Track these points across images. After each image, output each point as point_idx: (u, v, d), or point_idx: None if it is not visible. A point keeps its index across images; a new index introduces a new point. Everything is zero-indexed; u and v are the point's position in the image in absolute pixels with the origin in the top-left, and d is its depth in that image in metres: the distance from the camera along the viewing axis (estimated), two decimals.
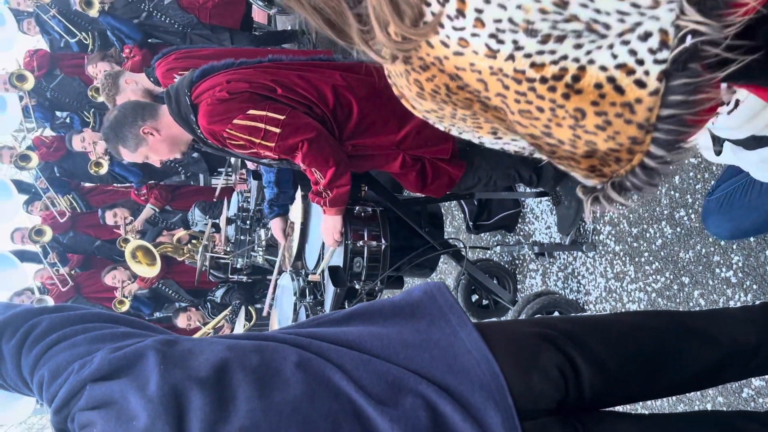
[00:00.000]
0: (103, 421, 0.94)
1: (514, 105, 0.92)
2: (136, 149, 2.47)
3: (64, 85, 5.89)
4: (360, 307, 1.21)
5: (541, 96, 0.88)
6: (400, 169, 2.48)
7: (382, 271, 2.42)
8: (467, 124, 1.05)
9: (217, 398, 0.97)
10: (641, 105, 0.86)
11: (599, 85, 0.86)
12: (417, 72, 0.96)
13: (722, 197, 1.81)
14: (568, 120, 0.90)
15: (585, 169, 0.97)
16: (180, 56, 3.42)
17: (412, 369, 1.07)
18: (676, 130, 0.86)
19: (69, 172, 6.35)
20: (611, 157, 0.92)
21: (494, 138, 1.07)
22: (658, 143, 0.88)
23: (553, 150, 0.96)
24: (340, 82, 2.34)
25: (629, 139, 0.89)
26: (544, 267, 3.09)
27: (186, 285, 5.64)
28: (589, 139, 0.91)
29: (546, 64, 0.86)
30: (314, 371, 1.04)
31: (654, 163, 0.89)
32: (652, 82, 0.84)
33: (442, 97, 0.99)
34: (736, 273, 2.06)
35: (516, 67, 0.87)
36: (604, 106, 0.87)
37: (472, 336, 1.12)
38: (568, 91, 0.87)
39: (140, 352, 1.01)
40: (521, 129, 0.96)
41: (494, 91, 0.92)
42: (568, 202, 2.78)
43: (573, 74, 0.86)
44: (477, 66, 0.90)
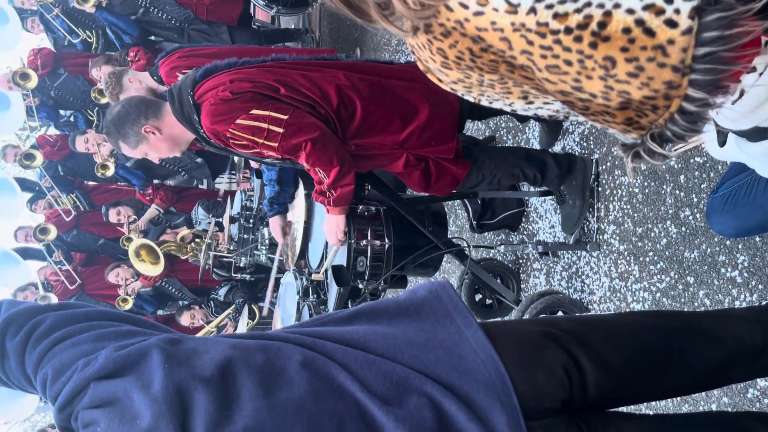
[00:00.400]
0: (106, 419, 0.94)
1: (540, 61, 0.88)
2: (137, 146, 2.47)
3: (68, 84, 5.90)
4: (364, 306, 1.21)
5: (567, 48, 0.85)
6: (404, 168, 2.47)
7: (385, 270, 2.42)
8: (496, 90, 1.01)
9: (222, 397, 0.96)
10: (674, 46, 0.81)
11: (627, 30, 0.82)
12: (439, 40, 0.94)
13: (726, 195, 1.80)
14: (598, 71, 0.86)
15: (621, 122, 0.92)
16: (183, 55, 3.42)
17: (417, 368, 1.07)
18: (714, 68, 0.81)
19: (73, 171, 6.36)
20: (647, 105, 0.88)
21: (525, 103, 1.03)
22: (697, 85, 0.83)
23: (587, 106, 0.93)
24: (343, 82, 2.34)
25: (665, 84, 0.85)
26: (548, 266, 3.08)
27: (189, 283, 5.64)
28: (622, 88, 0.87)
29: (569, 13, 0.83)
30: (319, 370, 1.03)
31: (694, 107, 0.85)
32: (683, 20, 0.80)
33: (467, 63, 0.96)
34: (741, 273, 2.05)
35: (539, 20, 0.84)
36: (634, 51, 0.83)
37: (477, 335, 1.12)
38: (595, 40, 0.83)
39: (144, 350, 1.01)
40: (550, 86, 0.92)
41: (519, 48, 0.88)
42: (572, 201, 2.77)
43: (599, 21, 0.82)
44: (499, 24, 0.87)
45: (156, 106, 2.46)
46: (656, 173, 2.40)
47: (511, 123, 3.39)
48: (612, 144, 2.66)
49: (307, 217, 2.96)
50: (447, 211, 3.43)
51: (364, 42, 5.67)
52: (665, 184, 2.36)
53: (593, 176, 2.71)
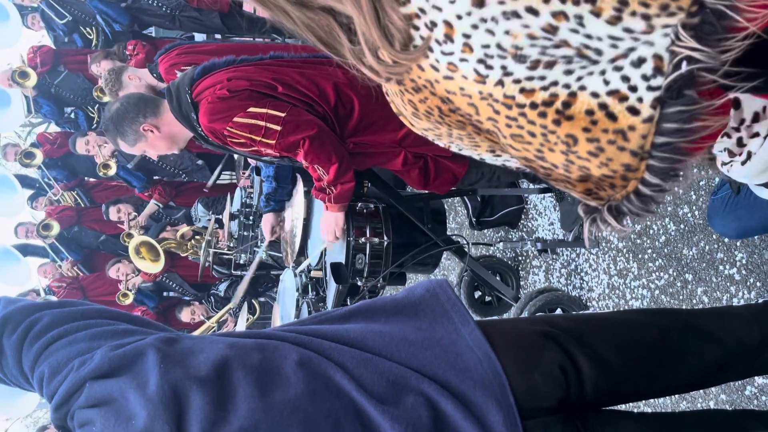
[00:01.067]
0: (102, 419, 0.94)
1: (505, 129, 0.91)
2: (135, 144, 2.48)
3: (68, 81, 5.89)
4: (362, 304, 1.21)
5: (531, 121, 0.87)
6: (402, 166, 2.47)
7: (384, 267, 2.42)
8: (464, 143, 1.04)
9: (217, 397, 0.97)
10: (635, 132, 0.84)
11: (591, 112, 0.85)
12: (410, 93, 0.96)
13: (727, 196, 1.80)
14: (560, 145, 0.89)
15: (581, 192, 0.96)
16: (183, 51, 3.41)
17: (413, 367, 1.07)
18: (671, 158, 0.84)
19: (73, 168, 6.36)
20: (606, 182, 0.91)
21: (493, 156, 1.05)
22: (653, 171, 0.86)
23: (548, 173, 0.96)
24: (341, 80, 2.33)
25: (623, 166, 0.88)
26: (547, 264, 3.08)
27: (190, 279, 5.65)
28: (582, 164, 0.90)
29: (536, 89, 0.85)
30: (315, 370, 1.03)
31: (649, 191, 0.89)
32: (645, 109, 0.83)
33: (435, 118, 0.98)
34: (740, 270, 2.05)
35: (506, 93, 0.86)
36: (596, 132, 0.86)
37: (475, 334, 1.12)
38: (559, 117, 0.86)
39: (140, 350, 1.01)
40: (514, 152, 0.95)
41: (485, 115, 0.91)
42: (571, 199, 2.77)
43: (564, 100, 0.85)
44: (467, 90, 0.89)
45: (154, 104, 2.46)
46: None
47: None
48: None
49: (307, 214, 2.95)
50: (446, 209, 3.43)
51: None
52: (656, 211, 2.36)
53: None
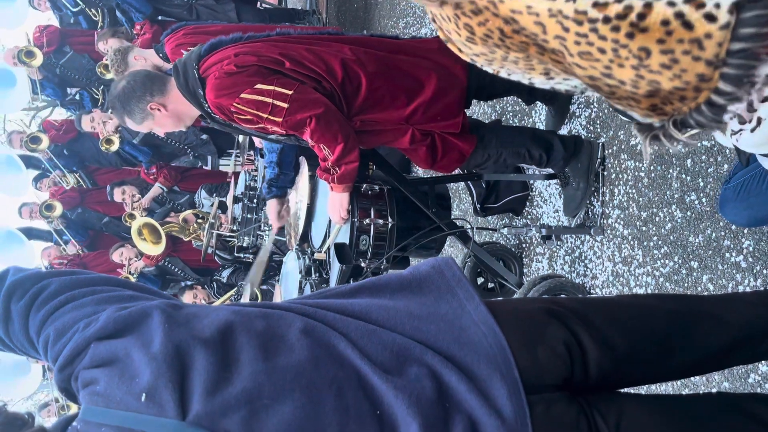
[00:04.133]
0: (106, 378, 0.94)
1: (573, 47, 0.88)
2: (142, 122, 2.47)
3: (74, 62, 5.88)
4: (367, 281, 1.21)
5: (603, 36, 0.85)
6: (410, 144, 2.46)
7: (388, 249, 2.41)
8: (519, 66, 1.02)
9: (221, 359, 0.96)
10: (711, 40, 0.82)
11: (666, 22, 0.82)
12: (468, 17, 0.93)
13: (739, 185, 1.79)
14: (631, 60, 0.86)
15: (646, 108, 0.93)
16: (189, 32, 3.40)
17: (417, 339, 1.06)
18: (746, 64, 0.82)
19: (78, 154, 6.36)
20: (676, 95, 0.89)
21: (546, 78, 1.03)
22: (728, 79, 0.84)
23: (613, 91, 0.93)
24: (349, 56, 2.32)
25: (697, 77, 0.85)
26: (551, 251, 3.07)
27: (192, 263, 5.65)
28: (653, 78, 0.87)
29: (609, 2, 0.83)
30: (319, 338, 1.03)
31: (722, 100, 0.86)
32: (723, 15, 0.80)
33: (494, 41, 0.95)
34: (746, 258, 2.04)
35: (577, 8, 0.84)
36: (670, 43, 0.83)
37: (480, 309, 1.11)
38: (633, 30, 0.83)
39: (145, 311, 1.01)
40: (580, 71, 0.92)
41: (553, 33, 0.88)
42: (576, 184, 2.76)
43: (639, 12, 0.82)
44: (535, 8, 0.87)
45: (161, 81, 2.45)
46: (663, 157, 2.38)
47: (517, 106, 3.37)
48: (618, 128, 2.64)
49: (311, 198, 2.95)
50: (451, 195, 3.41)
51: (371, 24, 5.63)
52: (671, 168, 2.34)
53: (599, 160, 2.69)
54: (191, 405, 0.92)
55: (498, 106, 3.57)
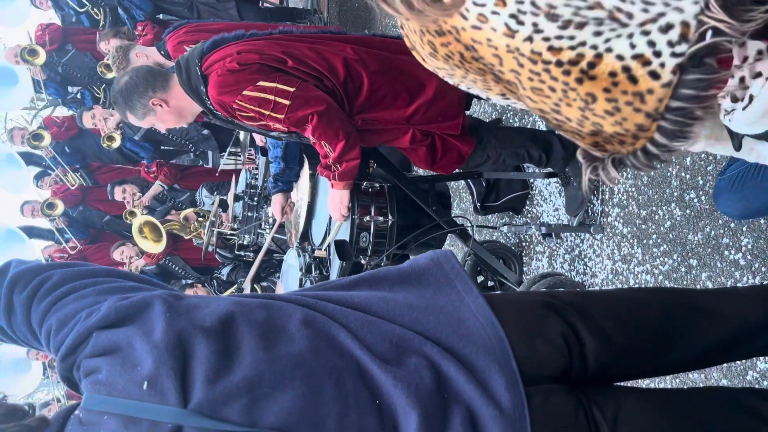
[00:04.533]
0: (108, 366, 0.95)
1: (527, 82, 0.94)
2: (144, 118, 2.48)
3: (76, 60, 5.89)
4: (366, 273, 1.22)
5: (554, 78, 0.90)
6: (410, 144, 2.47)
7: (388, 247, 2.42)
8: (477, 86, 1.06)
9: (222, 348, 0.97)
10: (652, 95, 0.88)
11: (614, 74, 0.88)
12: (431, 35, 0.97)
13: (734, 176, 1.80)
14: (578, 102, 0.92)
15: (589, 143, 0.99)
16: (191, 30, 3.41)
17: (416, 330, 1.07)
18: (682, 121, 0.88)
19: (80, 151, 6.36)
20: (616, 139, 0.95)
21: (502, 98, 1.08)
22: (663, 132, 0.90)
23: (560, 125, 0.99)
24: (351, 56, 2.33)
25: (636, 126, 0.91)
26: (550, 249, 3.08)
27: (192, 262, 5.66)
28: (596, 121, 0.93)
29: (563, 48, 0.88)
30: (319, 329, 1.04)
31: (656, 150, 0.92)
32: (666, 74, 0.86)
33: (455, 63, 1.00)
34: (745, 255, 2.05)
35: (533, 49, 0.89)
36: (615, 93, 0.89)
37: (478, 301, 1.13)
38: (582, 77, 0.89)
39: (147, 301, 1.02)
40: (531, 104, 0.98)
41: (508, 67, 0.93)
42: (577, 183, 2.77)
43: (589, 61, 0.88)
44: (494, 42, 0.91)
45: (163, 77, 2.46)
46: None
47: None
48: None
49: (311, 196, 2.95)
50: (451, 194, 3.42)
51: (372, 24, 5.64)
52: (671, 166, 2.35)
53: None
54: (193, 393, 0.93)
55: (499, 105, 3.58)
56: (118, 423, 0.91)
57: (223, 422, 0.91)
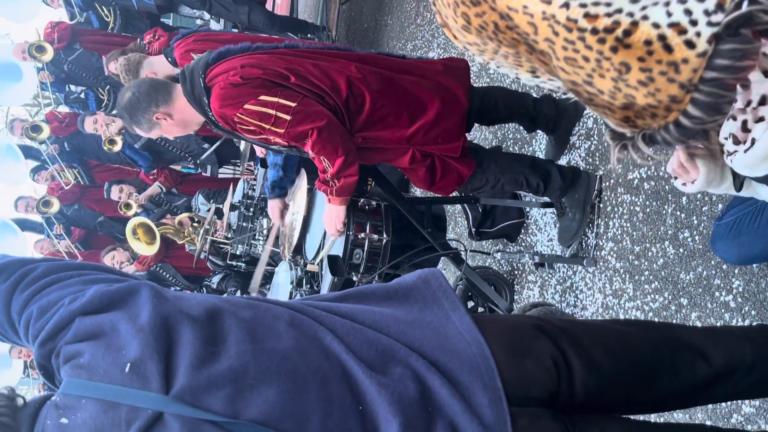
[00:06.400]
0: (91, 350, 0.93)
1: (561, 51, 0.93)
2: (150, 131, 2.53)
3: (83, 60, 5.91)
4: (353, 289, 1.23)
5: (589, 46, 0.90)
6: (410, 164, 2.48)
7: (381, 265, 2.42)
8: (508, 60, 1.06)
9: (208, 336, 0.97)
10: (687, 65, 0.87)
11: (649, 42, 0.87)
12: (466, 6, 0.98)
13: (732, 222, 1.80)
14: (611, 72, 0.91)
15: (620, 118, 0.98)
16: (199, 38, 3.43)
17: (403, 342, 1.08)
18: (716, 93, 0.87)
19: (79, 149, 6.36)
20: (648, 112, 0.94)
21: (532, 76, 1.08)
22: (697, 104, 0.89)
23: (591, 98, 0.98)
24: (354, 74, 2.35)
25: (669, 97, 0.90)
26: (542, 279, 3.08)
27: (183, 270, 5.64)
28: (629, 92, 0.92)
29: (600, 15, 0.88)
30: (306, 330, 1.04)
31: (689, 123, 0.91)
32: (701, 43, 0.85)
33: (488, 34, 1.00)
34: (735, 298, 2.05)
35: (569, 16, 0.89)
36: (650, 62, 0.88)
37: (464, 319, 1.13)
38: (617, 45, 0.88)
39: (133, 287, 1.01)
40: (564, 75, 0.97)
41: (543, 35, 0.93)
42: (572, 215, 2.78)
43: (625, 28, 0.87)
44: (530, 9, 0.91)
45: (165, 90, 2.47)
46: (659, 193, 2.41)
47: (518, 134, 3.40)
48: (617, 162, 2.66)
49: (308, 211, 2.96)
50: (447, 218, 3.43)
51: (379, 45, 5.69)
52: (667, 204, 2.36)
53: (596, 192, 2.71)
54: (176, 379, 0.92)
55: (499, 133, 3.60)
56: (96, 407, 0.90)
57: (205, 411, 0.90)
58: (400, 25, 5.37)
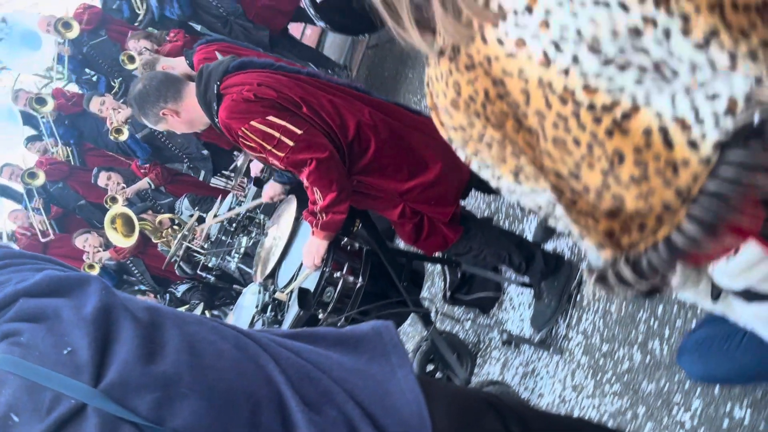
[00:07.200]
0: (31, 331, 0.91)
1: (550, 129, 0.85)
2: (156, 124, 2.55)
3: (104, 47, 5.95)
4: (306, 329, 1.21)
5: (582, 125, 0.82)
6: (398, 218, 2.48)
7: (350, 309, 2.38)
8: (492, 152, 0.97)
9: (149, 338, 0.94)
10: (687, 169, 0.78)
11: (648, 132, 0.79)
12: (460, 72, 0.92)
13: (702, 338, 1.80)
14: (602, 162, 0.82)
15: (602, 231, 0.87)
16: (222, 48, 3.45)
17: (343, 388, 1.06)
18: (716, 211, 0.75)
19: (78, 129, 6.34)
20: (636, 222, 0.83)
21: (514, 181, 0.98)
22: (693, 219, 0.77)
23: (575, 200, 0.88)
24: (366, 119, 2.36)
25: (662, 204, 0.80)
26: (506, 357, 3.05)
27: (153, 270, 5.56)
28: (618, 192, 0.83)
29: (599, 90, 0.80)
30: (250, 354, 1.02)
31: (682, 242, 0.78)
32: (706, 147, 0.76)
33: (476, 107, 0.93)
34: (692, 418, 2.03)
35: (567, 85, 0.81)
36: (646, 156, 0.79)
37: (409, 378, 1.11)
38: (614, 128, 0.80)
39: (84, 277, 1.00)
40: (549, 162, 0.88)
41: (535, 106, 0.86)
42: (548, 300, 2.77)
43: (624, 111, 0.79)
44: (526, 74, 0.84)
45: (176, 87, 2.48)
46: (637, 298, 2.41)
47: (511, 210, 3.42)
48: None
49: (290, 238, 2.93)
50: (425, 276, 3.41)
51: (395, 95, 5.76)
52: (643, 310, 2.36)
53: (576, 283, 2.71)
54: (107, 373, 0.89)
55: (493, 205, 3.62)
56: (21, 385, 0.87)
57: (129, 411, 0.87)
58: (420, 80, 5.45)
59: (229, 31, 4.92)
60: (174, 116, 2.45)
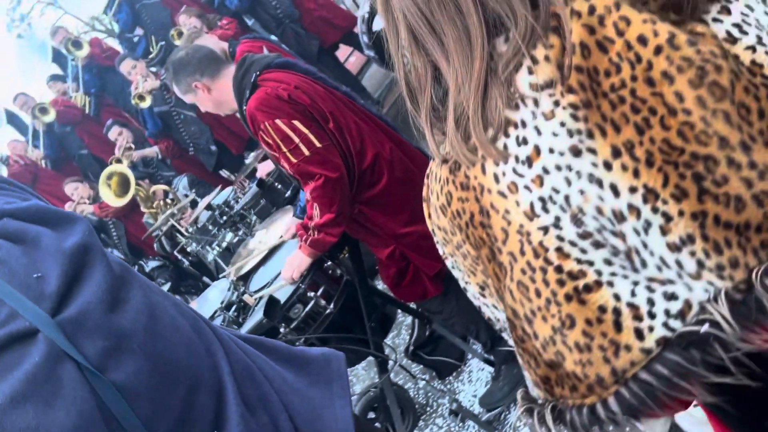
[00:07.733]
0: (9, 248, 0.89)
1: (518, 273, 0.90)
2: (185, 94, 2.53)
3: (156, 9, 6.01)
4: (261, 337, 1.22)
5: (546, 281, 0.87)
6: (386, 258, 2.47)
7: (312, 331, 2.34)
8: (465, 262, 1.03)
9: (116, 289, 0.93)
10: (628, 354, 0.83)
11: (604, 309, 0.84)
12: (455, 186, 0.96)
13: None
14: (555, 320, 0.87)
15: (540, 376, 0.93)
16: (269, 47, 3.49)
17: (281, 399, 1.06)
18: (642, 398, 0.82)
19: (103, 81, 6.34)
20: (570, 382, 0.89)
21: (479, 292, 1.04)
22: (620, 399, 0.84)
23: (523, 339, 0.93)
24: (385, 154, 2.37)
25: (596, 377, 0.86)
26: (449, 428, 2.98)
27: (131, 237, 5.49)
28: (562, 350, 0.88)
29: (570, 257, 0.85)
30: (204, 339, 1.02)
31: (603, 414, 0.85)
32: (650, 340, 0.81)
33: (460, 223, 0.97)
34: None
35: (543, 241, 0.86)
36: (595, 330, 0.84)
37: (345, 410, 1.11)
38: (573, 295, 0.85)
39: (73, 216, 0.98)
40: (509, 299, 0.93)
41: (510, 248, 0.90)
42: (503, 384, 2.73)
43: (587, 283, 0.84)
44: (511, 216, 0.89)
45: (216, 65, 2.49)
46: None
47: None
48: None
49: (275, 246, 2.90)
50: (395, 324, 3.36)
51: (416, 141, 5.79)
52: None
53: None
54: (68, 307, 0.88)
55: None
56: None
57: (76, 351, 0.85)
58: None
59: (281, 34, 4.96)
60: (205, 91, 2.45)
